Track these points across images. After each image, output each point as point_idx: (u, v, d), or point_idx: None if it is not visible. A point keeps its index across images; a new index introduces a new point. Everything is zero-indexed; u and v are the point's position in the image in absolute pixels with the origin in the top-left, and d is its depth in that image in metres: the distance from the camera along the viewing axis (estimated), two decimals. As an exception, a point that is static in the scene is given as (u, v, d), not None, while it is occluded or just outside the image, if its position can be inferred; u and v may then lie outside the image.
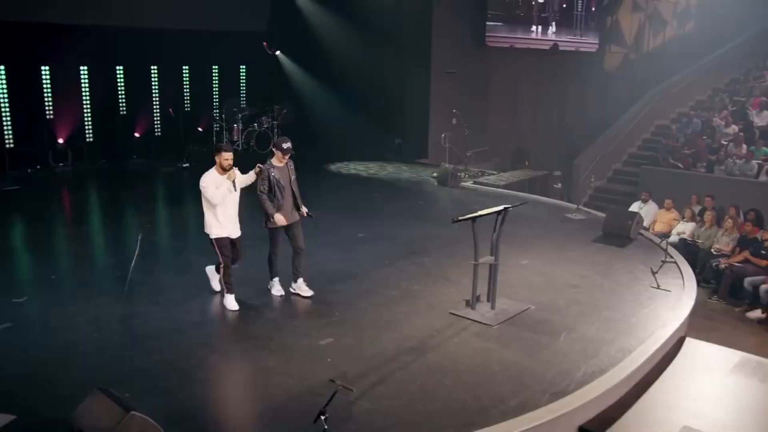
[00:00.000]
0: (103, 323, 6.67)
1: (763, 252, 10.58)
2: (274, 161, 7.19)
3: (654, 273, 8.12)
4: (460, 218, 6.66)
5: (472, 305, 6.98)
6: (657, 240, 10.03)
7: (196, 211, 11.82)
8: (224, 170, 6.90)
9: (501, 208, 6.88)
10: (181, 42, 15.75)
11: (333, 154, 16.58)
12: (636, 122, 17.85)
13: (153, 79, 16.40)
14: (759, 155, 14.78)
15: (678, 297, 7.65)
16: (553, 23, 18.39)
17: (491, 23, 16.99)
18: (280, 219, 7.05)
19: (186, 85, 17.09)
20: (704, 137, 16.30)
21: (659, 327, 6.76)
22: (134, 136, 16.19)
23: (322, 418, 4.51)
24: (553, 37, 18.31)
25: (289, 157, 7.27)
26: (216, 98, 17.61)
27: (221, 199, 6.83)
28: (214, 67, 17.56)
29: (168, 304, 7.19)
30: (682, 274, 8.40)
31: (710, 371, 6.55)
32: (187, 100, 17.14)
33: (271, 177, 7.09)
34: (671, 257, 8.87)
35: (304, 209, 7.31)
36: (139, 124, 16.26)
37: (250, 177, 7.19)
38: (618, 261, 8.97)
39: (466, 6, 16.57)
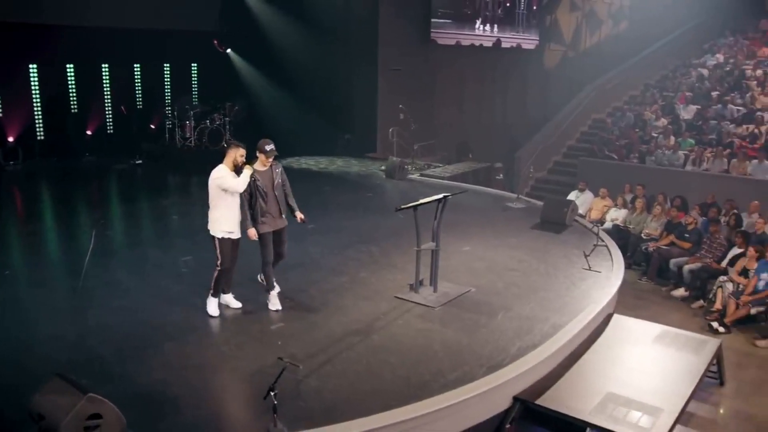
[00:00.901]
0: (59, 316, 6.71)
1: (687, 235, 11.13)
2: (257, 165, 6.66)
3: (586, 256, 8.52)
4: (403, 207, 6.90)
5: (416, 289, 7.23)
6: (590, 226, 10.46)
7: (150, 206, 11.95)
8: (235, 166, 6.51)
9: (440, 196, 7.15)
10: (132, 40, 15.62)
11: (284, 149, 16.36)
12: (574, 116, 18.36)
13: (104, 78, 16.22)
14: (685, 146, 15.43)
15: (607, 277, 8.06)
16: (496, 21, 18.80)
17: (436, 20, 17.27)
18: (252, 233, 6.59)
19: (137, 83, 16.95)
20: (636, 130, 16.90)
21: (589, 305, 7.14)
22: (86, 134, 16.00)
23: (272, 394, 4.69)
24: (497, 35, 18.71)
25: (275, 161, 6.80)
26: (168, 96, 17.50)
27: (245, 184, 6.44)
28: (165, 65, 17.44)
29: (123, 296, 7.24)
30: (611, 257, 8.84)
31: (634, 343, 6.97)
32: (139, 98, 17.00)
33: (253, 183, 6.57)
34: (602, 241, 9.28)
35: (300, 214, 6.94)
36: (91, 122, 16.08)
37: (245, 178, 6.53)
38: (554, 246, 9.36)
39: (411, 4, 16.81)
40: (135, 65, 16.74)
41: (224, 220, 6.54)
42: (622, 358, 6.64)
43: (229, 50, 18.08)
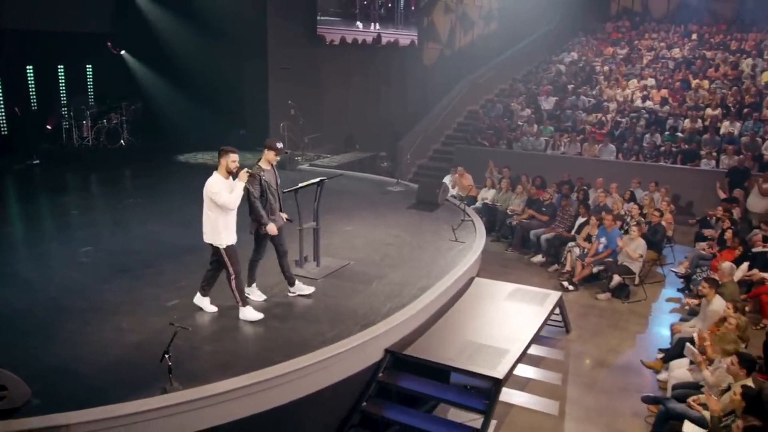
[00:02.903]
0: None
1: (544, 209, 12.15)
2: (263, 164, 6.57)
3: (454, 230, 9.22)
4: (285, 191, 7.30)
5: (300, 264, 7.66)
6: (459, 204, 11.22)
7: (49, 203, 11.71)
8: (229, 173, 6.18)
9: (317, 180, 7.60)
10: (24, 42, 15.06)
11: (181, 146, 16.55)
12: (450, 108, 19.25)
13: (-5, 79, 15.57)
14: (546, 133, 16.64)
15: (470, 247, 8.79)
16: (378, 19, 19.33)
17: (322, 18, 17.60)
18: (272, 228, 6.50)
19: (31, 84, 16.34)
20: (505, 119, 18.01)
21: (452, 270, 7.82)
22: (-21, 135, 15.33)
23: (167, 356, 5.02)
24: (378, 31, 19.22)
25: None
26: (63, 97, 16.97)
27: (237, 202, 6.14)
28: (59, 66, 16.88)
29: (23, 286, 7.24)
30: (476, 229, 9.59)
31: (491, 300, 7.74)
32: (33, 99, 16.40)
33: (263, 181, 6.48)
34: (469, 217, 10.04)
35: (284, 214, 6.86)
36: (-17, 124, 15.42)
37: (240, 184, 6.26)
38: (426, 222, 10.04)
39: (298, 4, 17.04)
40: (28, 67, 16.12)
41: (224, 229, 6.25)
42: (480, 312, 7.38)
43: (123, 52, 17.71)
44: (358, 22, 18.71)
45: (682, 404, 6.03)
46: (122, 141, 16.60)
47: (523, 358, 6.73)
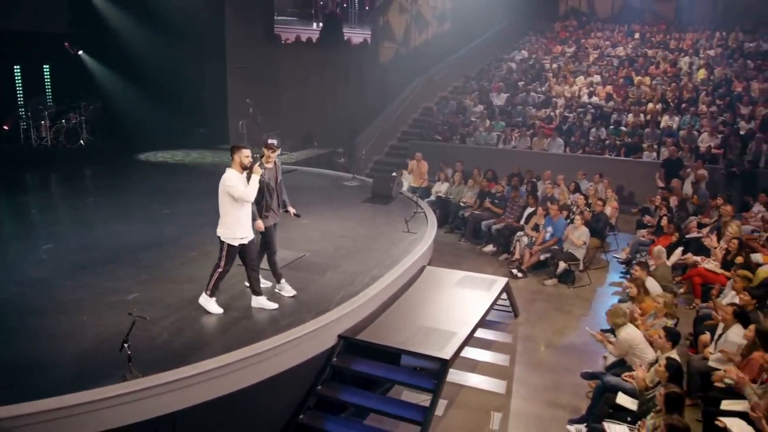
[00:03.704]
0: None
1: (495, 201, 12.46)
2: (264, 162, 6.60)
3: (407, 221, 9.45)
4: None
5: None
6: (412, 196, 11.45)
7: (7, 203, 11.55)
8: (244, 168, 6.20)
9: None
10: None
11: (141, 145, 16.45)
12: (406, 105, 19.48)
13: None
14: (497, 128, 17.00)
15: (422, 237, 9.02)
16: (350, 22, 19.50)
17: (279, 18, 17.66)
18: (259, 225, 6.55)
19: (-14, 85, 16.05)
20: (459, 115, 18.32)
21: (404, 259, 8.04)
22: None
23: (126, 346, 5.11)
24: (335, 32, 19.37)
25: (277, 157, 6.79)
26: (20, 97, 16.69)
27: (254, 193, 6.17)
28: (15, 66, 16.59)
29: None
30: (427, 221, 9.83)
31: (441, 287, 7.99)
32: (-12, 99, 16.12)
33: (262, 179, 6.45)
34: (421, 209, 10.27)
35: (292, 209, 7.01)
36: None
37: (255, 179, 6.25)
38: (380, 215, 10.25)
39: (255, 5, 17.06)
40: (-18, 67, 15.84)
41: (238, 226, 6.24)
42: (430, 299, 7.61)
43: (81, 52, 17.48)
44: (315, 21, 18.83)
45: (617, 377, 6.37)
46: (82, 141, 16.42)
47: (471, 340, 7.01)
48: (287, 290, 6.91)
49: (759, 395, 5.48)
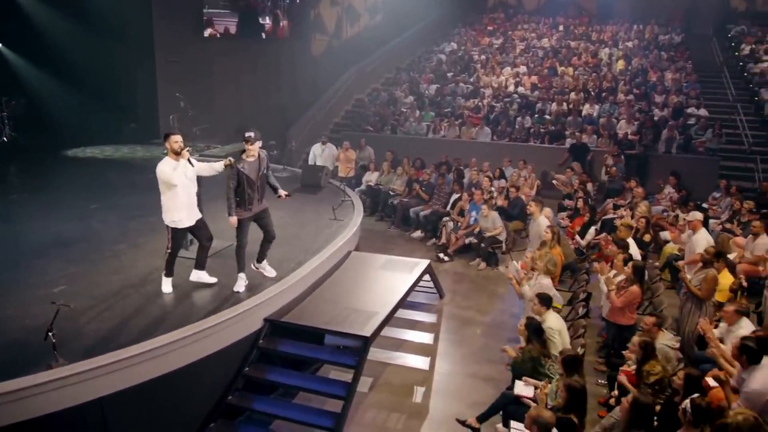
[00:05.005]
0: None
1: (423, 189, 12.90)
2: (245, 156, 6.69)
3: (334, 209, 9.75)
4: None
5: (186, 247, 7.91)
6: (339, 185, 11.76)
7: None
8: (176, 154, 6.46)
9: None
10: None
11: (70, 141, 16.12)
12: (338, 97, 19.75)
13: None
14: (427, 119, 17.46)
15: (348, 224, 9.34)
16: (266, 13, 19.40)
17: (208, 11, 17.56)
18: (232, 221, 6.70)
19: None
20: (390, 107, 18.69)
21: (329, 245, 8.35)
22: None
23: (50, 334, 5.25)
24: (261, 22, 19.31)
25: (260, 149, 6.85)
26: (-64, 94, 16.08)
27: (177, 179, 6.41)
28: (-72, 63, 16.00)
29: None
30: (354, 208, 10.16)
31: (366, 270, 8.35)
32: None
33: (240, 172, 6.60)
34: (348, 197, 10.59)
35: (283, 192, 7.09)
36: None
37: (217, 167, 6.69)
38: (309, 204, 10.50)
39: (183, -1, 16.96)
40: None
41: (167, 210, 6.54)
42: (355, 281, 7.95)
43: (0, 45, 16.94)
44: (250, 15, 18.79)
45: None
46: (5, 137, 15.96)
47: (398, 321, 7.42)
48: (206, 279, 7.11)
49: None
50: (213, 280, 7.06)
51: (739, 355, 5.29)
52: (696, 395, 4.97)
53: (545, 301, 6.74)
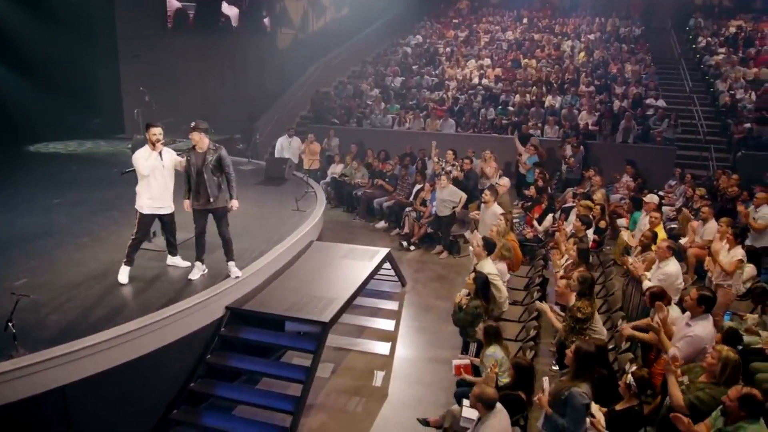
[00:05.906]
0: None
1: (387, 180, 13.12)
2: (196, 147, 6.74)
3: (297, 200, 9.91)
4: (127, 171, 7.66)
5: (150, 240, 8.04)
6: (303, 176, 11.90)
7: None
8: (154, 145, 6.81)
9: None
10: None
11: (32, 136, 15.97)
12: (304, 90, 19.84)
13: None
14: (393, 111, 17.65)
15: (310, 214, 9.53)
16: (233, 6, 19.34)
17: (171, 4, 17.47)
18: (185, 204, 6.90)
19: None
20: (356, 99, 18.85)
21: (290, 235, 8.52)
22: None
23: (11, 325, 5.35)
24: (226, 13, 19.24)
25: (218, 146, 6.83)
26: None
27: (149, 169, 6.73)
28: None
29: None
30: (317, 199, 10.34)
31: (328, 259, 8.53)
32: None
33: (189, 163, 6.73)
34: (312, 188, 10.77)
35: (234, 202, 6.94)
36: None
37: (182, 161, 6.92)
38: (272, 196, 10.67)
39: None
40: None
41: (138, 195, 6.94)
42: (316, 270, 8.15)
43: (-45, 41, 16.66)
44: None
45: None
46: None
47: (360, 309, 7.63)
48: (181, 263, 7.44)
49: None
50: (187, 264, 7.36)
51: (696, 305, 5.84)
52: (634, 368, 5.28)
53: (489, 246, 7.14)
